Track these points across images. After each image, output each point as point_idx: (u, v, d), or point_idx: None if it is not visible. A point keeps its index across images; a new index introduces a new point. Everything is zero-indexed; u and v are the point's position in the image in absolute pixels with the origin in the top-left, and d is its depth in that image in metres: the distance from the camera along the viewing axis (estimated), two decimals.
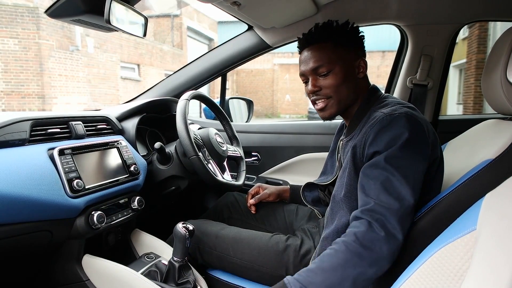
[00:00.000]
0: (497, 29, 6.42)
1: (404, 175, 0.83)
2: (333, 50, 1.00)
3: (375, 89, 1.06)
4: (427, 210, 0.84)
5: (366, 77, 1.06)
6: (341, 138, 1.13)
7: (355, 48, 1.03)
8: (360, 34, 1.05)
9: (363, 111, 1.01)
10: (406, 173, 0.83)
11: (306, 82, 1.06)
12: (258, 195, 1.41)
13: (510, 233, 0.51)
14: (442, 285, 0.56)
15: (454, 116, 4.15)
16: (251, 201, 1.41)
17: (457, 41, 1.73)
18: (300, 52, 1.07)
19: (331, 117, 1.04)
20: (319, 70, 1.01)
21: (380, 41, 13.42)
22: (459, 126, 1.27)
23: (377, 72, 14.99)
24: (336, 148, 1.23)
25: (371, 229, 0.80)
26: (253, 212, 1.42)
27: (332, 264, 0.79)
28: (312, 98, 1.04)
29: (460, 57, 8.21)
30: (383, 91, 1.08)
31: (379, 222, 0.80)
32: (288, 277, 0.83)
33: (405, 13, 1.58)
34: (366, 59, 1.06)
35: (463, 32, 7.74)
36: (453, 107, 9.10)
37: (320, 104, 1.03)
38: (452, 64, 2.09)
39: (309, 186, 1.29)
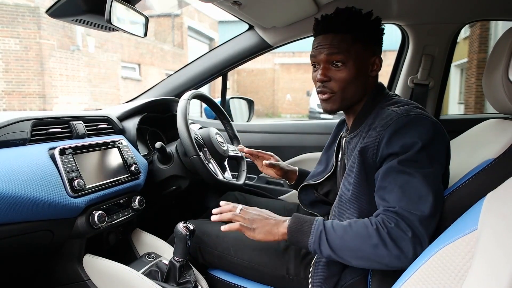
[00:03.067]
0: (499, 28, 6.41)
1: (423, 176, 0.81)
2: (351, 43, 0.95)
3: (382, 86, 1.03)
4: None
5: (377, 75, 1.03)
6: (343, 135, 1.10)
7: (373, 44, 0.99)
8: (382, 28, 1.01)
9: (369, 109, 0.99)
10: (426, 175, 0.81)
11: (314, 66, 1.02)
12: (267, 160, 1.36)
13: (511, 233, 0.51)
14: (444, 285, 0.56)
15: (455, 115, 4.15)
16: (246, 150, 1.38)
17: (458, 40, 1.72)
18: (315, 36, 1.02)
19: (333, 112, 1.01)
20: (333, 60, 0.96)
21: None
22: (460, 126, 1.26)
23: None
24: (334, 143, 1.21)
25: (399, 227, 0.79)
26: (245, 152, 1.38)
27: (358, 232, 0.82)
28: (318, 88, 1.00)
29: (461, 56, 8.20)
30: None
31: (405, 222, 0.79)
32: (320, 218, 0.90)
33: (406, 13, 1.58)
34: None
35: (464, 32, 7.72)
36: (454, 107, 9.09)
37: (324, 96, 1.00)
38: (453, 64, 2.09)
39: (305, 189, 1.27)
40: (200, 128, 1.64)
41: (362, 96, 1.00)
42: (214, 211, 0.99)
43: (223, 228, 0.95)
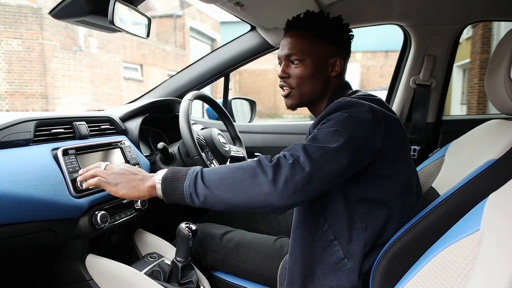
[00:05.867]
0: (501, 29, 6.39)
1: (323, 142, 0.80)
2: (310, 41, 1.00)
3: (344, 86, 1.05)
4: (431, 210, 0.84)
5: (339, 76, 1.04)
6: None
7: (337, 46, 1.02)
8: (349, 34, 1.04)
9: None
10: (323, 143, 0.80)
11: (280, 64, 1.07)
12: None
13: None
14: (446, 285, 0.56)
15: (457, 116, 4.14)
16: None
17: (460, 41, 1.72)
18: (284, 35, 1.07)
19: (293, 107, 1.06)
20: (290, 58, 1.01)
21: (383, 41, 13.38)
22: (462, 127, 1.26)
23: (380, 72, 14.90)
24: None
25: (284, 158, 0.79)
26: None
27: (239, 165, 0.81)
28: (280, 83, 1.06)
29: (463, 57, 8.18)
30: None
31: (291, 153, 0.79)
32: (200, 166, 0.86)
33: (408, 13, 1.58)
34: (369, 59, 1.06)
35: (467, 32, 7.71)
36: (456, 107, 9.07)
37: (285, 91, 1.05)
38: (455, 64, 2.09)
39: None
40: (202, 129, 1.64)
41: (322, 94, 1.03)
42: (80, 171, 0.94)
43: (79, 178, 0.93)
